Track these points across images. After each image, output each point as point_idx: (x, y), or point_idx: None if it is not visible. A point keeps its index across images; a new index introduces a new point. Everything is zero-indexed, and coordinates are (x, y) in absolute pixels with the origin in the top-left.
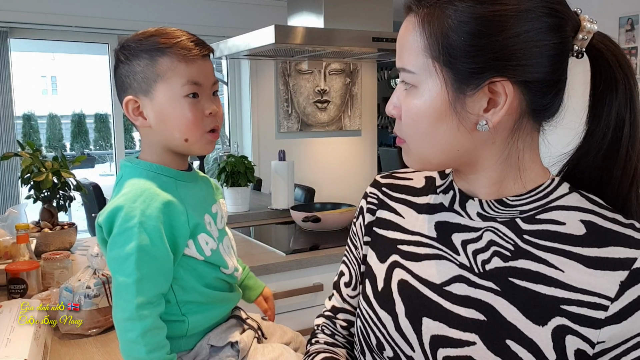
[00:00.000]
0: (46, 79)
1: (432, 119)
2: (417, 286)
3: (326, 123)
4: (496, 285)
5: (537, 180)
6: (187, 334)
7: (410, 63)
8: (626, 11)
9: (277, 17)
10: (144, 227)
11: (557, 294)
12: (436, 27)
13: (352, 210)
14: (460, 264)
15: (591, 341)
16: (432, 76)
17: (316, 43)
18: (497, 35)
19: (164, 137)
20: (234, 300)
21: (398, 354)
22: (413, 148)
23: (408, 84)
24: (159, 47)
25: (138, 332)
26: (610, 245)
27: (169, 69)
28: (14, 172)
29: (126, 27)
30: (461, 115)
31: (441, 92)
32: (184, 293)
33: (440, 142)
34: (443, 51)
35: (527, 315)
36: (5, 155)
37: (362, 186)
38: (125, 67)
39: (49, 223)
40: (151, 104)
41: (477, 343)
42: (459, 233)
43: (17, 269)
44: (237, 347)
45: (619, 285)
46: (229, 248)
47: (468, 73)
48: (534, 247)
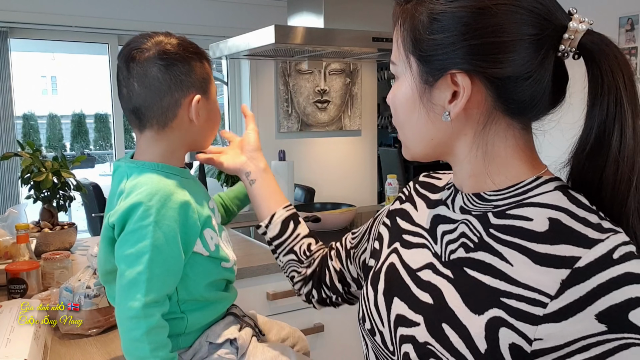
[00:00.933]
0: (46, 79)
1: (405, 108)
2: (400, 270)
3: (326, 123)
4: (452, 274)
5: (518, 177)
6: (186, 332)
7: (394, 55)
8: (626, 11)
9: (277, 17)
10: (159, 226)
11: (500, 286)
12: (410, 23)
13: (352, 210)
14: (435, 252)
15: (528, 337)
16: (407, 68)
17: (316, 43)
18: (458, 31)
19: (202, 134)
20: (230, 299)
21: (373, 328)
22: (402, 137)
23: (395, 75)
24: (199, 51)
25: (143, 330)
26: (562, 243)
27: (210, 72)
28: (14, 172)
29: (126, 27)
30: (428, 105)
31: (412, 83)
32: (187, 293)
33: (416, 131)
34: (413, 45)
35: (467, 303)
36: (5, 155)
37: (362, 186)
38: (184, 65)
39: (49, 223)
40: (207, 103)
41: (420, 324)
42: (443, 225)
43: (17, 269)
44: (235, 344)
45: (560, 283)
46: (227, 242)
47: (433, 65)
48: (495, 241)
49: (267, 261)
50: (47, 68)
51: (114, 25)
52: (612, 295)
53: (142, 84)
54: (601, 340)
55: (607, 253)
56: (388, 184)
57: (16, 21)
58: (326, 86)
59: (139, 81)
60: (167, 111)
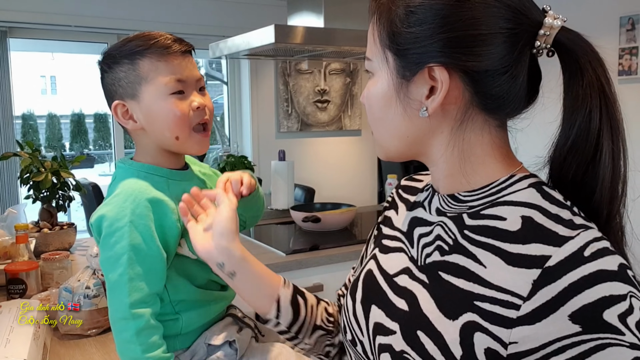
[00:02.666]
0: (45, 79)
1: (381, 104)
2: (377, 276)
3: (326, 123)
4: (427, 279)
5: (493, 176)
6: (182, 332)
7: (369, 51)
8: (626, 11)
9: (277, 17)
10: (135, 226)
11: (474, 289)
12: (386, 16)
13: (352, 210)
14: (411, 256)
15: (502, 341)
16: (383, 63)
17: (316, 43)
18: (436, 23)
19: (156, 138)
20: (227, 299)
21: (354, 338)
22: (376, 135)
23: (370, 72)
24: (138, 49)
25: (132, 331)
26: (533, 242)
27: (150, 70)
28: (13, 172)
29: (126, 27)
30: (405, 101)
31: (388, 78)
32: (176, 292)
33: (390, 128)
34: (390, 39)
35: (441, 309)
36: (5, 155)
37: (362, 186)
38: (110, 76)
39: (48, 223)
40: (139, 107)
41: (396, 332)
42: (419, 227)
43: (17, 269)
44: (234, 345)
45: (532, 284)
46: None
47: (410, 59)
48: (469, 242)
49: (267, 261)
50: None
51: (113, 25)
52: (585, 294)
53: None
54: (576, 342)
55: (577, 250)
56: (388, 184)
57: (15, 21)
58: (326, 86)
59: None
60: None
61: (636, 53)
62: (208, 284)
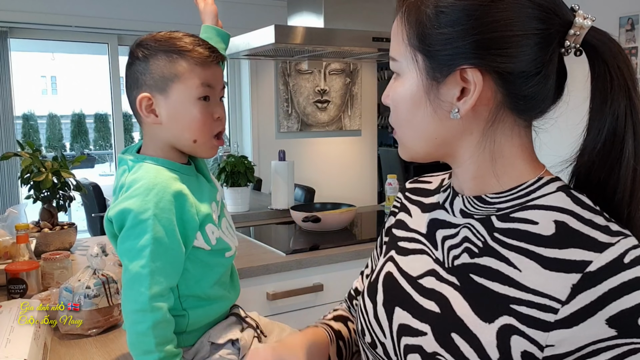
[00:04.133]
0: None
1: (409, 105)
2: (398, 278)
3: (326, 123)
4: (458, 281)
5: (522, 178)
6: (187, 330)
7: (395, 51)
8: (626, 11)
9: (277, 17)
10: (158, 219)
11: (510, 293)
12: (415, 16)
13: (352, 210)
14: (436, 258)
15: (539, 344)
16: (412, 64)
17: (316, 43)
18: (469, 24)
19: (172, 135)
20: (232, 298)
21: (374, 340)
22: (400, 136)
23: (395, 72)
24: (179, 49)
25: (149, 324)
26: (571, 247)
27: (187, 71)
28: (13, 172)
29: (126, 27)
30: (435, 102)
31: (417, 79)
32: (187, 288)
33: (419, 129)
34: (420, 39)
35: (476, 311)
36: (5, 155)
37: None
38: (142, 65)
39: (49, 223)
40: (165, 102)
41: (427, 334)
42: (442, 229)
43: (17, 269)
44: (237, 344)
45: (571, 288)
46: (227, 229)
47: (441, 61)
48: (500, 245)
49: (267, 261)
50: (46, 68)
51: (113, 25)
52: (624, 299)
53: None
54: (611, 345)
55: (617, 257)
56: (388, 184)
57: (16, 21)
58: (326, 86)
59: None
60: (133, 108)
61: (636, 53)
62: (218, 279)
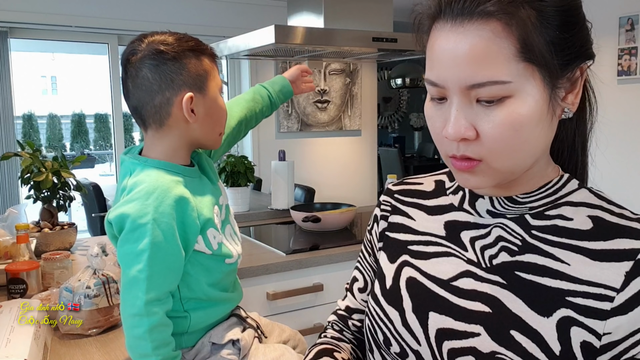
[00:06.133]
0: (46, 79)
1: (534, 123)
2: (425, 283)
3: (326, 123)
4: (502, 279)
5: (548, 176)
6: (189, 331)
7: (503, 73)
8: (626, 11)
9: (277, 17)
10: (158, 224)
11: (563, 286)
12: (522, 29)
13: (352, 210)
14: (468, 259)
15: (597, 333)
16: (529, 79)
17: (316, 43)
18: (579, 23)
19: (203, 132)
20: (235, 301)
21: (404, 349)
22: (497, 163)
23: (491, 100)
24: (200, 47)
25: (145, 328)
26: (615, 238)
27: (211, 68)
28: (14, 172)
29: (126, 27)
30: (553, 108)
31: (539, 93)
32: (189, 290)
33: (536, 144)
34: (533, 51)
35: (532, 307)
36: (5, 155)
37: (362, 186)
38: (175, 64)
39: (49, 223)
40: (204, 100)
41: (481, 334)
42: (467, 230)
43: (17, 269)
44: (238, 345)
45: (625, 275)
46: (231, 235)
47: (560, 67)
48: (541, 242)
49: (267, 261)
50: (47, 68)
51: (113, 25)
52: None
53: (135, 85)
54: None
55: None
56: (388, 184)
57: (16, 21)
58: (326, 86)
59: (132, 82)
60: (160, 110)
61: (635, 53)
62: (220, 282)
